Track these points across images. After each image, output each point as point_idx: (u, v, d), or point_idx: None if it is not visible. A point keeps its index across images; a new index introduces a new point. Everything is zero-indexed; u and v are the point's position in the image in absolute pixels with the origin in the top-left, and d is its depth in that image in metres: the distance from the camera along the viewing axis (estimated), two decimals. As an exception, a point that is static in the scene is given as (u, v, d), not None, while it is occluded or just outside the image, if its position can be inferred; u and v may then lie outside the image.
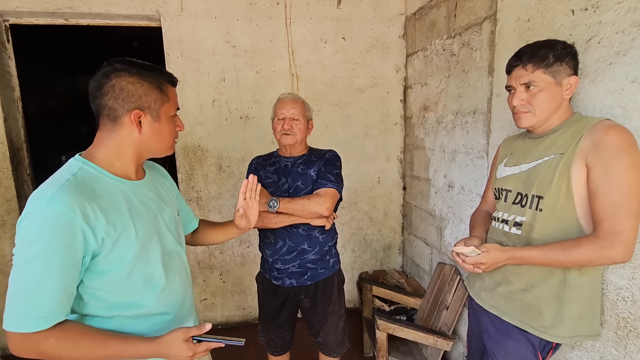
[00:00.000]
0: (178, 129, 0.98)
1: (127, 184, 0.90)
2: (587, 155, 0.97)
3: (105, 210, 0.81)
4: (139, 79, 0.86)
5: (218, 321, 2.73)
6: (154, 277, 0.91)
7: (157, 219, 0.95)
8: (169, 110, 0.91)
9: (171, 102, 0.92)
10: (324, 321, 1.64)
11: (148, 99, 0.87)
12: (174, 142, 0.99)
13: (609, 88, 1.11)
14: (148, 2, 2.28)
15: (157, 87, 0.88)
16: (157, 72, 0.90)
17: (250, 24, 2.44)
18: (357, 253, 2.88)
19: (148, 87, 0.87)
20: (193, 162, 2.51)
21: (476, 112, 1.85)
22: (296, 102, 1.56)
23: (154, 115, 0.88)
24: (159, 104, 0.89)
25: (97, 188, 0.83)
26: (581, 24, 1.20)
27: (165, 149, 0.95)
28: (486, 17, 1.73)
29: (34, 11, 2.17)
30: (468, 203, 1.95)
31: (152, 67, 0.90)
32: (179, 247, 1.04)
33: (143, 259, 0.88)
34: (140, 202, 0.92)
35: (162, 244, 0.95)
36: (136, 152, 0.91)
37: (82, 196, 0.78)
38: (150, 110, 0.88)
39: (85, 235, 0.77)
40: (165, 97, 0.90)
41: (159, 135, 0.91)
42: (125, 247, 0.84)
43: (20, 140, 2.36)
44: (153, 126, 0.89)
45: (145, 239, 0.89)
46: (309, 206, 1.46)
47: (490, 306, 1.22)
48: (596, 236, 0.95)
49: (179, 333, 0.83)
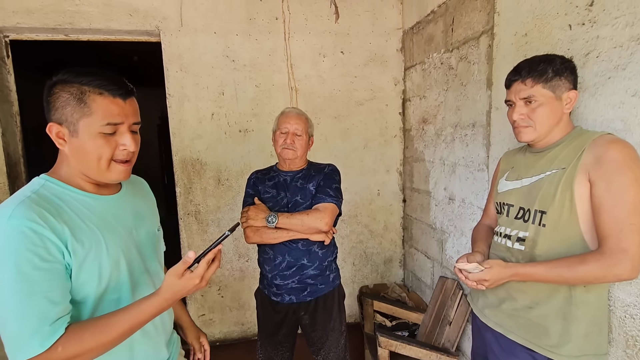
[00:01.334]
0: (123, 148, 0.82)
1: (95, 199, 0.85)
2: (589, 170, 0.96)
3: (73, 225, 0.77)
4: (61, 89, 0.78)
5: (216, 337, 2.67)
6: (124, 297, 0.86)
7: (132, 235, 0.90)
8: (90, 125, 0.78)
9: (95, 116, 0.77)
10: (324, 338, 1.60)
11: (64, 111, 0.77)
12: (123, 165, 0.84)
13: (609, 102, 1.11)
14: (148, 17, 2.30)
15: (76, 98, 0.77)
16: (87, 80, 0.78)
17: (249, 38, 2.46)
18: (358, 266, 2.85)
19: (65, 99, 0.77)
20: (192, 175, 2.50)
21: (475, 124, 1.84)
22: (300, 118, 1.56)
23: (71, 129, 0.78)
24: (76, 118, 0.77)
25: (62, 204, 0.79)
26: (579, 39, 1.21)
27: (98, 170, 0.82)
28: (483, 31, 1.74)
29: (35, 27, 2.18)
30: (469, 216, 1.94)
31: (87, 73, 0.79)
32: (157, 264, 0.99)
33: (116, 278, 0.84)
34: (113, 216, 0.87)
35: (139, 261, 0.91)
36: (78, 169, 0.83)
37: (44, 210, 0.74)
38: (67, 123, 0.78)
39: (58, 247, 0.73)
40: (85, 109, 0.77)
41: (80, 153, 0.80)
42: (95, 266, 0.79)
43: (18, 155, 2.35)
44: (72, 142, 0.79)
45: (117, 256, 0.84)
46: (308, 221, 1.44)
47: (494, 323, 1.19)
48: (602, 253, 0.93)
49: (171, 276, 0.78)
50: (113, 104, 0.80)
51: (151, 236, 0.99)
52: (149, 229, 0.98)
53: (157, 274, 0.99)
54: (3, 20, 2.13)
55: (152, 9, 2.30)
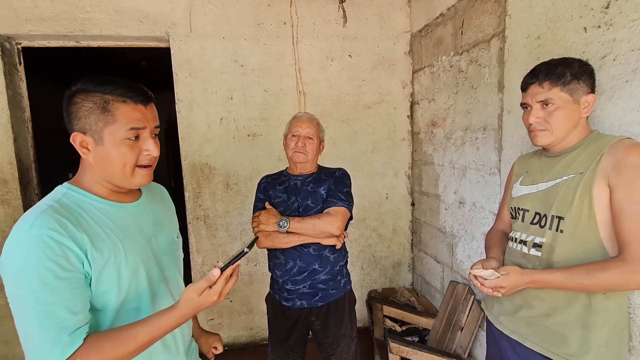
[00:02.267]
0: (146, 153, 0.84)
1: (116, 207, 0.86)
2: (609, 175, 0.95)
3: (93, 234, 0.78)
4: (83, 98, 0.79)
5: (225, 342, 2.66)
6: (143, 306, 0.86)
7: (151, 243, 0.91)
8: (115, 133, 0.79)
9: (119, 123, 0.79)
10: (335, 345, 1.59)
11: (88, 120, 0.79)
12: (145, 169, 0.86)
13: (627, 105, 1.09)
14: (157, 24, 2.32)
15: (100, 106, 0.78)
16: (110, 88, 0.79)
17: (257, 43, 2.47)
18: (366, 270, 2.83)
19: (89, 108, 0.78)
20: (200, 180, 2.50)
21: (486, 128, 1.83)
22: (312, 122, 1.57)
23: (96, 138, 0.79)
24: (100, 126, 0.79)
25: (83, 213, 0.79)
26: (594, 42, 1.19)
27: (123, 177, 0.83)
28: (494, 34, 1.73)
29: (47, 34, 2.21)
30: (480, 220, 1.92)
31: (108, 82, 0.80)
32: (176, 272, 0.99)
33: (135, 287, 0.84)
34: (133, 224, 0.88)
35: (158, 269, 0.91)
36: (101, 177, 0.84)
37: (65, 219, 0.74)
38: (92, 132, 0.79)
39: (78, 257, 0.74)
40: (109, 117, 0.79)
41: (106, 160, 0.81)
42: (114, 275, 0.80)
43: (30, 161, 2.38)
44: (97, 150, 0.80)
45: (136, 264, 0.84)
46: (319, 226, 1.43)
47: (510, 331, 1.17)
48: (623, 259, 0.91)
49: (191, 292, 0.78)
50: (135, 111, 0.81)
51: (170, 244, 0.98)
52: (168, 237, 0.98)
53: (176, 282, 0.99)
54: (16, 27, 2.16)
55: (162, 15, 2.32)
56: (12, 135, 2.21)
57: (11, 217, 2.25)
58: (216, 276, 0.78)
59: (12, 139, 2.21)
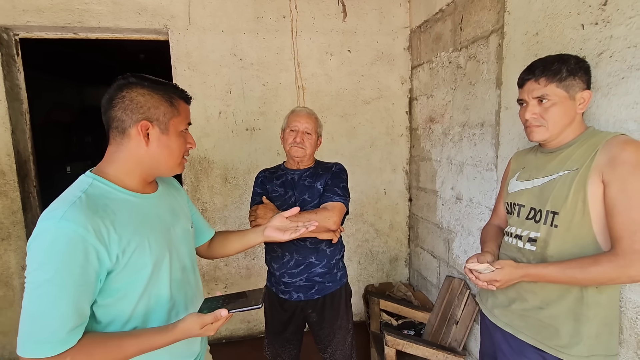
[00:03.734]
0: (189, 146, 0.96)
1: (139, 198, 0.89)
2: (603, 171, 0.96)
3: (119, 226, 0.80)
4: (150, 91, 0.86)
5: (222, 335, 2.69)
6: (163, 293, 0.90)
7: (170, 233, 0.94)
8: (178, 125, 0.90)
9: (181, 116, 0.90)
10: (331, 336, 1.61)
11: (157, 111, 0.86)
12: (184, 160, 0.96)
13: (623, 102, 1.10)
14: (156, 16, 2.31)
15: (167, 100, 0.87)
16: (170, 87, 0.90)
17: (257, 37, 2.46)
18: (363, 265, 2.85)
19: (158, 100, 0.86)
20: (199, 173, 2.51)
21: (484, 124, 1.84)
22: (310, 117, 1.57)
23: (162, 127, 0.87)
24: (168, 117, 0.87)
25: (110, 204, 0.82)
26: (591, 38, 1.20)
27: (174, 165, 0.93)
28: (493, 30, 1.73)
29: (44, 25, 2.20)
30: (477, 216, 1.93)
31: (165, 82, 0.90)
32: (192, 261, 1.03)
33: (156, 275, 0.87)
34: (155, 215, 0.91)
35: (176, 258, 0.94)
36: (144, 168, 0.89)
37: (94, 214, 0.76)
38: (158, 122, 0.86)
39: (99, 254, 0.76)
40: (175, 110, 0.89)
41: (167, 149, 0.89)
42: (140, 263, 0.83)
43: (27, 152, 2.37)
44: (161, 139, 0.87)
45: (159, 254, 0.88)
46: (317, 220, 1.44)
47: (504, 324, 1.19)
48: (615, 254, 0.93)
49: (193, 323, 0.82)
50: (187, 108, 0.95)
51: (186, 233, 1.01)
52: (184, 226, 1.01)
53: (193, 270, 1.03)
54: (13, 18, 2.14)
55: (161, 8, 2.31)
56: (10, 127, 2.21)
57: (9, 209, 2.25)
58: (224, 317, 0.83)
59: (9, 131, 2.20)
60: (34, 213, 2.38)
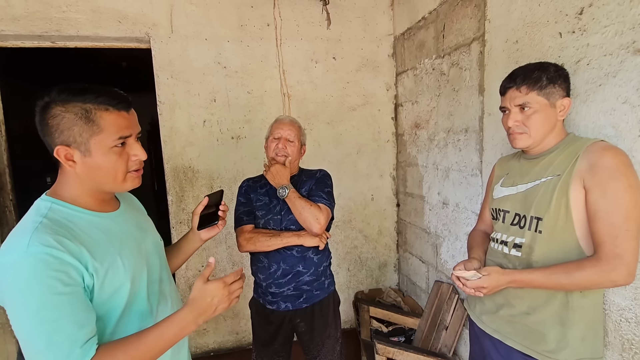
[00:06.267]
0: (135, 158, 0.84)
1: (102, 217, 0.85)
2: (584, 177, 0.97)
3: (89, 247, 0.76)
4: (63, 109, 0.75)
5: (210, 347, 2.63)
6: (143, 309, 0.87)
7: (141, 248, 0.91)
8: (103, 142, 0.77)
9: (106, 132, 0.77)
10: (320, 345, 1.59)
11: (71, 132, 0.75)
12: (133, 174, 0.85)
13: (600, 109, 1.13)
14: (137, 24, 2.27)
15: (82, 117, 0.75)
16: (90, 97, 0.76)
17: (240, 45, 2.44)
18: (353, 272, 2.84)
19: (71, 119, 0.75)
20: (184, 183, 2.46)
21: (468, 130, 1.86)
22: (293, 125, 1.56)
23: (82, 149, 0.77)
24: (86, 137, 0.76)
25: (73, 226, 0.77)
26: (569, 46, 1.23)
27: (115, 184, 0.83)
28: (474, 38, 1.76)
29: (20, 34, 2.13)
30: (463, 220, 1.95)
31: (87, 90, 0.77)
32: (166, 273, 1.01)
33: (134, 291, 0.84)
34: (123, 232, 0.88)
35: (150, 272, 0.92)
36: (89, 188, 0.82)
37: (60, 235, 0.73)
38: (77, 144, 0.76)
39: (79, 270, 0.73)
40: (94, 127, 0.76)
41: (97, 170, 0.79)
42: (116, 282, 0.80)
43: (3, 165, 2.29)
44: (85, 162, 0.78)
45: (134, 270, 0.85)
46: (306, 213, 1.42)
47: (492, 330, 1.19)
48: (598, 259, 0.94)
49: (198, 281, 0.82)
50: (120, 118, 0.80)
51: (156, 246, 0.99)
52: (153, 240, 1.00)
53: (169, 282, 1.01)
54: (-13, 27, 2.08)
55: (142, 16, 2.27)
56: (-16, 139, 2.13)
57: (-17, 224, 2.16)
58: (212, 262, 0.83)
59: (-17, 143, 2.12)
60: (10, 227, 2.28)
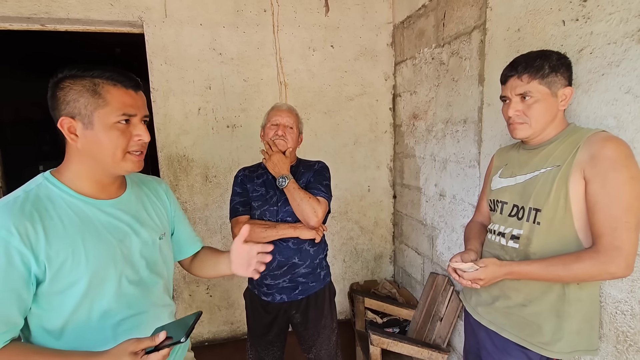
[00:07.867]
0: (137, 139, 0.82)
1: (90, 204, 0.82)
2: (584, 168, 0.96)
3: (52, 233, 0.74)
4: (71, 82, 0.76)
5: (205, 337, 2.62)
6: (107, 309, 0.81)
7: (123, 243, 0.85)
8: (107, 116, 0.77)
9: (111, 106, 0.77)
10: (315, 336, 1.58)
11: (77, 104, 0.76)
12: (134, 155, 0.83)
13: (603, 99, 1.10)
14: (130, 8, 2.21)
15: (89, 90, 0.76)
16: (99, 73, 0.77)
17: (236, 31, 2.39)
18: (348, 263, 2.83)
19: (78, 91, 0.76)
20: (178, 172, 2.42)
21: (467, 121, 1.83)
22: (291, 112, 1.54)
23: (85, 122, 0.77)
24: (90, 109, 0.76)
25: (50, 208, 0.76)
26: (572, 35, 1.20)
27: (113, 162, 0.80)
28: (475, 26, 1.72)
29: (8, 16, 2.06)
30: (460, 212, 1.93)
31: (97, 67, 0.78)
32: (153, 275, 0.92)
33: (96, 289, 0.79)
34: (105, 223, 0.83)
35: (129, 271, 0.85)
36: (88, 167, 0.81)
37: (23, 215, 0.71)
38: (81, 116, 0.77)
39: (24, 258, 0.70)
40: (100, 100, 0.77)
41: (96, 145, 0.78)
42: (72, 276, 0.76)
43: (-7, 151, 2.24)
44: (86, 135, 0.77)
45: (98, 266, 0.79)
46: (305, 205, 1.40)
47: (488, 322, 1.18)
48: (596, 251, 0.93)
49: (128, 344, 0.70)
50: (127, 95, 0.80)
51: (147, 244, 0.91)
52: (148, 237, 0.92)
53: (155, 284, 0.93)
54: (-27, 8, 2.01)
55: (135, -1, 2.21)
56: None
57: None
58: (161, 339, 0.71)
59: (-28, 129, 2.07)
60: None
